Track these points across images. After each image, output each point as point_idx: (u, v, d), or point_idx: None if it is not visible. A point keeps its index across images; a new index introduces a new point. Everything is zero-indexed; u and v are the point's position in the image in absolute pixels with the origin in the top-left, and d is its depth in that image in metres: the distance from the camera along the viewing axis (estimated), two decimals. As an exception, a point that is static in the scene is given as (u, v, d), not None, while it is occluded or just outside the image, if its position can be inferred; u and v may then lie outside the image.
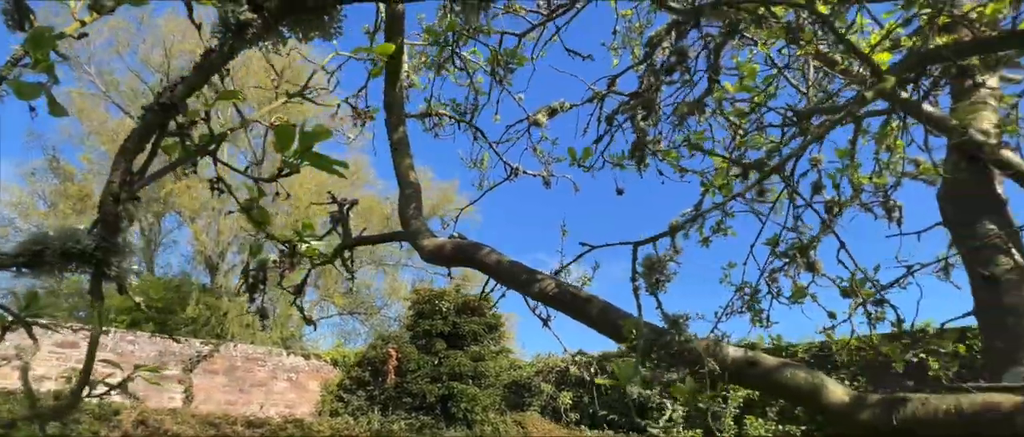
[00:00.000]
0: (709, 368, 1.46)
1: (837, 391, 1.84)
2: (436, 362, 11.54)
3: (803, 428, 9.35)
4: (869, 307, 2.77)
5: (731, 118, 3.08)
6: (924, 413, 1.73)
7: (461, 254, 2.23)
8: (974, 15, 2.01)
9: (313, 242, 1.25)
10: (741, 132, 3.11)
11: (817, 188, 4.07)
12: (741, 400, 10.13)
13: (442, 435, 10.78)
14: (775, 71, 2.59)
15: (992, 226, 2.31)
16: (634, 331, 1.75)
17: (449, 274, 2.87)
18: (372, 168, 27.62)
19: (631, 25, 4.35)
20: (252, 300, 3.44)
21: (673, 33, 3.65)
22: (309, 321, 3.68)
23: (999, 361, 2.17)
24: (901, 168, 3.35)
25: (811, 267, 4.02)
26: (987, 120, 2.39)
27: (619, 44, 4.12)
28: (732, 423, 10.00)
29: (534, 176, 3.82)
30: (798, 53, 2.41)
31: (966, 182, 2.43)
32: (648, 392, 1.40)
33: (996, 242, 2.27)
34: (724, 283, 3.43)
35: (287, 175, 1.00)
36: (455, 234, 2.81)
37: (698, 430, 10.22)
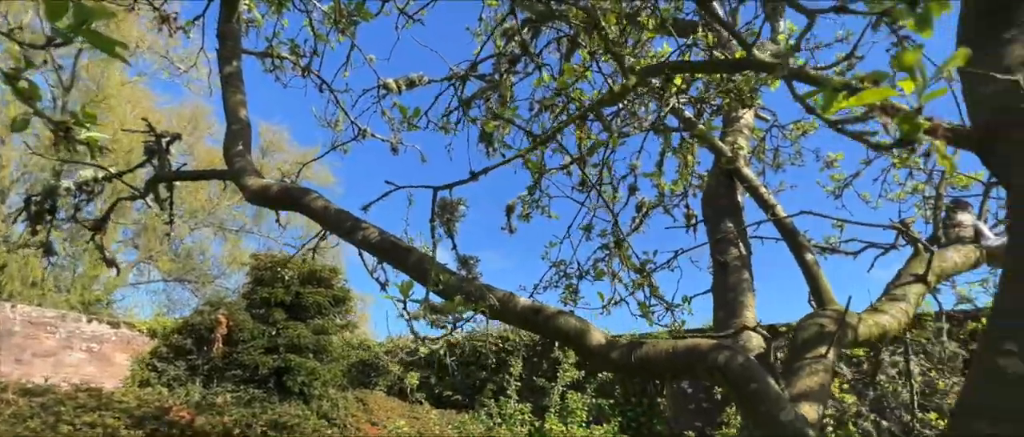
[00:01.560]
0: (490, 302, 1.75)
1: (597, 335, 2.29)
2: (273, 333, 10.84)
3: (611, 401, 10.76)
4: (632, 276, 3.42)
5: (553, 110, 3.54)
6: (653, 353, 2.26)
7: (287, 197, 2.27)
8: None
9: (94, 131, 1.20)
10: (560, 120, 3.59)
11: (632, 189, 4.81)
12: (569, 380, 11.31)
13: (275, 409, 10.16)
14: (581, 69, 3.06)
15: (730, 225, 3.01)
16: (438, 276, 1.99)
17: (277, 219, 2.85)
18: (215, 119, 24.37)
19: (496, 15, 4.65)
20: (34, 232, 3.01)
21: (527, 28, 4.02)
22: (110, 263, 3.33)
23: (721, 326, 2.86)
24: (690, 180, 4.16)
25: (622, 258, 4.75)
26: (736, 143, 3.12)
27: (482, 30, 4.38)
28: (558, 399, 11.14)
29: (383, 141, 3.91)
30: (604, 59, 2.89)
31: (718, 190, 3.13)
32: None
33: (731, 237, 2.97)
34: (545, 259, 3.91)
35: (58, 45, 0.99)
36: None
37: (528, 404, 11.15)
